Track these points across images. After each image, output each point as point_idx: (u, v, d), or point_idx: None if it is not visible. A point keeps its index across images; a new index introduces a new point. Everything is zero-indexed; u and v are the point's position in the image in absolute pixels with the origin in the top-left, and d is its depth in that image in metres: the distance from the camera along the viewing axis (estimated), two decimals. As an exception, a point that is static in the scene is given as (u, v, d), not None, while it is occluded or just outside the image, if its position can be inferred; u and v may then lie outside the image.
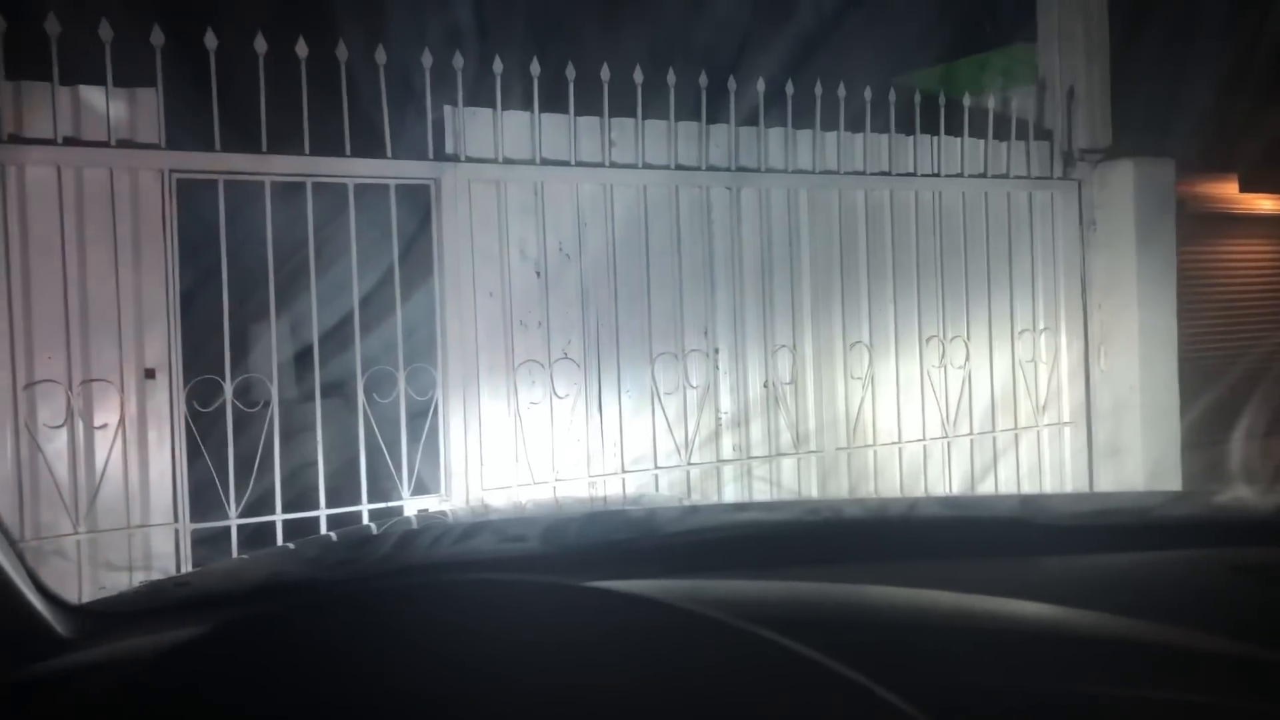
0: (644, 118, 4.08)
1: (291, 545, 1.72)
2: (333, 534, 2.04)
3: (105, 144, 3.28)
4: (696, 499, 4.15)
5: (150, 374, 3.39)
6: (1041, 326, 5.03)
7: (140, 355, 3.38)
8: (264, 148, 3.47)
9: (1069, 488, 5.10)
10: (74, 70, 3.23)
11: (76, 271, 3.28)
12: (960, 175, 4.78)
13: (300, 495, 3.63)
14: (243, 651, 0.80)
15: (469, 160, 3.82)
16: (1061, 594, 1.03)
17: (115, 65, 3.25)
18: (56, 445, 3.25)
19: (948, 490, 4.74)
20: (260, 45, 3.42)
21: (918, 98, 4.62)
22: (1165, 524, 1.37)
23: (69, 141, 3.25)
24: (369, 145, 3.64)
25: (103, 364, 3.31)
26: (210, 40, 3.35)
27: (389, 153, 3.67)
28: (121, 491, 3.34)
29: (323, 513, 3.59)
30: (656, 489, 4.15)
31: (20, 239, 3.22)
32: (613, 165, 4.05)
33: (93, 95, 3.29)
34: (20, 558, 0.97)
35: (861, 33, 4.79)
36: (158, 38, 3.27)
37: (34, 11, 3.11)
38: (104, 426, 3.31)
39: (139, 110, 3.36)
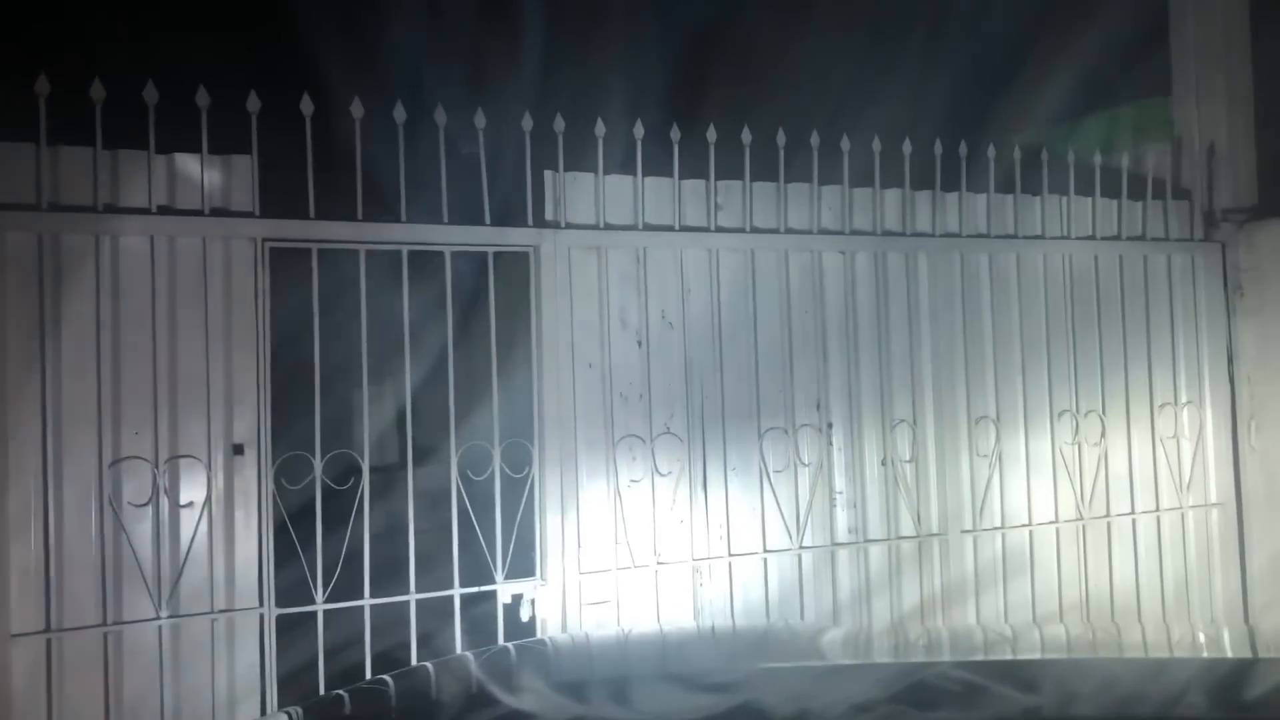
0: (752, 179, 3.87)
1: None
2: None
3: (199, 213, 3.19)
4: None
5: (239, 450, 3.26)
6: (1184, 400, 4.62)
7: (229, 430, 3.25)
8: (359, 215, 3.35)
9: (1217, 575, 4.65)
10: (170, 138, 3.16)
11: (167, 343, 3.17)
12: (1092, 238, 4.45)
13: (391, 578, 3.45)
14: None
15: (569, 226, 3.66)
16: None
17: (211, 133, 3.17)
18: (141, 524, 3.12)
19: (1082, 578, 4.34)
20: (357, 110, 3.32)
21: (1045, 155, 4.33)
22: None
23: (163, 210, 3.17)
24: (467, 212, 3.50)
25: (190, 440, 3.19)
26: (306, 106, 3.26)
27: (487, 219, 3.53)
28: (206, 574, 3.19)
29: (412, 597, 3.40)
30: (765, 574, 3.87)
31: (112, 311, 3.12)
32: (719, 230, 3.84)
33: (188, 163, 3.22)
34: None
35: (984, 89, 4.53)
36: (254, 104, 3.19)
37: (132, 81, 3.05)
38: (190, 505, 3.18)
39: (234, 178, 3.26)
